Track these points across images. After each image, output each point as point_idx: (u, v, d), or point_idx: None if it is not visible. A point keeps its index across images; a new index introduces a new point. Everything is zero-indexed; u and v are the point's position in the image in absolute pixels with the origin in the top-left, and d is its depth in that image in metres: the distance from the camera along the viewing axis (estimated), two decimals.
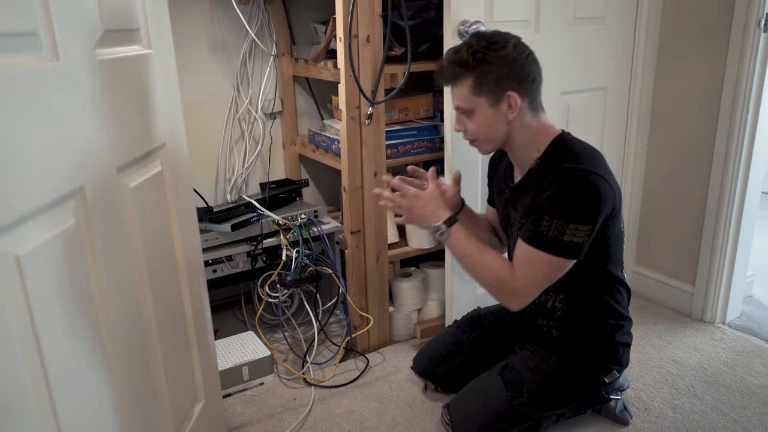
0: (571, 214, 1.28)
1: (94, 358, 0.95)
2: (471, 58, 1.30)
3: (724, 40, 1.86)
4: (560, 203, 1.29)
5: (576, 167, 1.30)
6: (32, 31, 0.81)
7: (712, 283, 2.06)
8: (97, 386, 0.95)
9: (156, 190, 1.19)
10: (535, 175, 1.40)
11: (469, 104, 1.35)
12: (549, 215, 1.30)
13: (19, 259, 0.77)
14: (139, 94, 1.12)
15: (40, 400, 0.81)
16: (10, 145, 0.75)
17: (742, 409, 1.65)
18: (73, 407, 0.88)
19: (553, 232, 1.30)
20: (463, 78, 1.32)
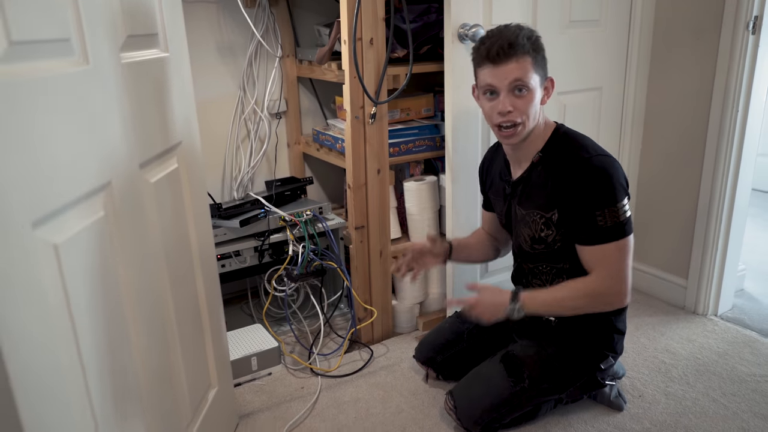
0: (611, 197, 1.40)
1: (120, 338, 1.01)
2: (537, 38, 1.42)
3: (715, 42, 1.93)
4: (599, 193, 1.40)
5: (591, 156, 1.42)
6: (66, 38, 0.88)
7: (704, 277, 2.13)
8: (123, 365, 1.02)
9: (173, 186, 1.26)
10: (540, 167, 1.48)
11: (530, 79, 1.40)
12: (598, 208, 1.40)
13: (57, 247, 0.84)
14: (158, 95, 1.19)
15: (74, 375, 0.88)
16: (48, 142, 0.82)
17: (732, 395, 1.72)
18: (103, 383, 0.95)
19: (611, 220, 1.40)
20: (529, 54, 1.40)
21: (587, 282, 1.44)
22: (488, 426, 1.53)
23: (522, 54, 1.39)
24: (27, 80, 0.78)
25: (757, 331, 2.06)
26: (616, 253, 1.41)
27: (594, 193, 1.39)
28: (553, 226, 1.49)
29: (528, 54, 1.39)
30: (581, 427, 1.61)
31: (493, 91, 1.42)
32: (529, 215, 1.53)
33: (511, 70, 1.39)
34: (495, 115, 1.43)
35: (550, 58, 1.87)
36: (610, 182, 1.39)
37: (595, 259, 1.43)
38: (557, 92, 1.98)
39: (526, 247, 1.57)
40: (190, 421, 1.32)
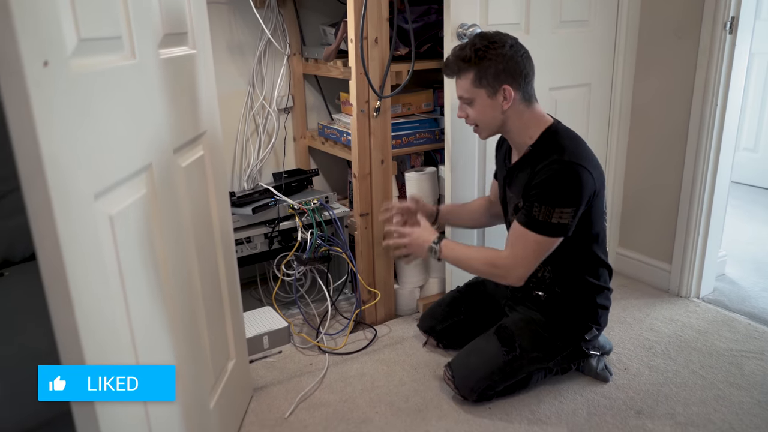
0: (556, 199, 1.51)
1: (157, 300, 1.14)
2: (473, 55, 1.52)
3: (695, 41, 2.07)
4: (546, 191, 1.52)
5: (560, 159, 1.52)
6: (118, 36, 1.01)
7: (686, 262, 2.27)
8: (160, 323, 1.14)
9: (199, 171, 1.39)
10: (527, 160, 1.61)
11: (470, 95, 1.57)
12: (538, 202, 1.52)
13: (111, 217, 0.96)
14: (188, 88, 1.32)
15: (125, 336, 1.01)
16: (105, 125, 0.95)
17: (710, 368, 1.86)
18: (145, 335, 1.08)
19: (543, 216, 1.51)
20: (466, 72, 1.55)
21: (496, 254, 1.61)
22: (483, 393, 1.67)
23: (458, 72, 1.57)
24: (91, 72, 0.91)
25: (735, 311, 2.20)
26: (532, 243, 1.54)
27: (543, 188, 1.51)
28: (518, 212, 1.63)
29: (471, 70, 1.54)
30: (571, 396, 1.74)
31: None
32: (512, 199, 1.69)
33: (456, 86, 1.61)
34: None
35: (543, 56, 2.01)
36: (562, 187, 1.50)
37: (514, 238, 1.58)
38: (549, 88, 2.12)
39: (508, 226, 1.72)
40: (213, 385, 1.44)
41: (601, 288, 1.70)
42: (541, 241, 1.54)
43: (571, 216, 1.51)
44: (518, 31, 1.98)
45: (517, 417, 1.66)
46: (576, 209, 1.51)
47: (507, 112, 1.58)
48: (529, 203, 1.54)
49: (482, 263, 1.62)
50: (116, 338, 0.98)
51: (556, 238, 1.54)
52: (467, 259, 1.65)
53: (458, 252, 1.65)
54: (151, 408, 1.08)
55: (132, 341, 1.03)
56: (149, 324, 1.09)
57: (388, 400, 1.75)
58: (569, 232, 1.54)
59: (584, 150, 1.58)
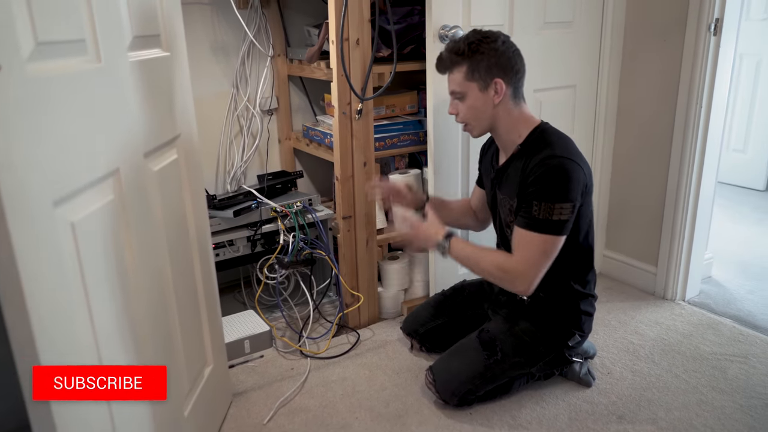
0: (554, 195, 1.49)
1: (126, 309, 1.12)
2: (467, 48, 1.53)
3: (680, 42, 2.06)
4: (543, 188, 1.50)
5: (551, 155, 1.52)
6: (81, 39, 0.99)
7: (672, 264, 2.26)
8: (128, 332, 1.12)
9: (174, 175, 1.37)
10: (517, 159, 1.60)
11: (462, 88, 1.56)
12: (537, 200, 1.50)
13: (74, 224, 0.94)
14: (160, 91, 1.30)
15: (88, 344, 0.99)
16: (67, 131, 0.93)
17: (694, 372, 1.85)
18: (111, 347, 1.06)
19: (543, 214, 1.50)
20: (459, 65, 1.54)
21: (507, 258, 1.57)
22: (464, 397, 1.66)
23: (450, 66, 1.56)
24: (50, 76, 0.89)
25: (721, 314, 2.19)
26: (539, 245, 1.51)
27: (540, 186, 1.50)
28: (514, 213, 1.61)
29: (458, 65, 1.54)
30: (553, 401, 1.73)
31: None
32: (504, 200, 1.66)
33: (449, 82, 1.60)
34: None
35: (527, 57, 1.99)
36: (558, 182, 1.49)
37: (519, 243, 1.54)
38: (533, 89, 2.11)
39: (504, 228, 1.71)
40: (188, 392, 1.42)
41: (585, 295, 1.69)
42: (546, 240, 1.51)
43: (570, 211, 1.51)
44: None
45: (498, 422, 1.65)
46: (574, 204, 1.51)
47: (498, 107, 1.57)
48: (527, 203, 1.52)
49: (492, 265, 1.56)
50: (78, 349, 0.96)
51: (560, 236, 1.52)
52: (477, 260, 1.58)
53: (468, 251, 1.59)
54: (118, 416, 1.06)
55: (97, 351, 1.01)
56: (116, 332, 1.07)
57: (368, 405, 1.73)
58: (568, 230, 1.53)
59: (573, 147, 1.59)
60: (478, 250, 1.60)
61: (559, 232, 1.51)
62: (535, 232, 1.51)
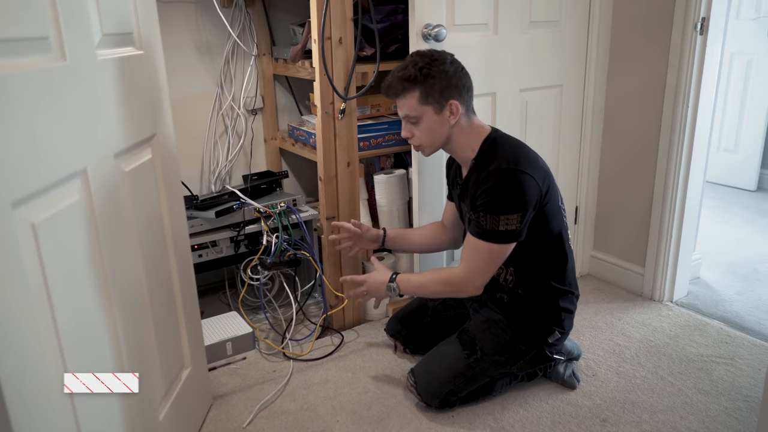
0: (500, 207, 1.51)
1: (94, 313, 1.10)
2: (418, 73, 1.52)
3: (666, 42, 2.05)
4: (489, 200, 1.52)
5: (498, 168, 1.52)
6: (44, 36, 0.96)
7: (660, 265, 2.24)
8: (96, 337, 1.10)
9: (147, 175, 1.35)
10: (473, 173, 1.61)
11: (416, 113, 1.56)
12: (484, 211, 1.53)
13: (34, 226, 0.92)
14: (132, 90, 1.27)
15: (51, 349, 0.96)
16: (26, 130, 0.90)
17: (679, 374, 1.83)
18: (77, 353, 1.03)
19: (490, 224, 1.53)
20: (411, 91, 1.54)
21: (450, 272, 1.65)
22: (446, 399, 1.64)
23: (402, 92, 1.55)
24: (6, 75, 0.86)
25: (708, 316, 2.18)
26: (485, 253, 1.55)
27: (486, 198, 1.52)
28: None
29: (416, 88, 1.53)
30: (536, 403, 1.71)
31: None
32: (466, 214, 1.68)
33: (401, 107, 1.59)
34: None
35: (512, 56, 1.98)
36: (503, 194, 1.50)
37: (469, 248, 1.59)
38: (519, 89, 2.09)
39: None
40: (163, 396, 1.40)
41: (564, 291, 1.68)
42: (492, 249, 1.55)
43: (518, 221, 1.52)
44: (486, 32, 1.96)
45: (480, 425, 1.63)
46: (522, 214, 1.52)
47: (453, 127, 1.58)
48: (476, 214, 1.55)
49: (438, 284, 1.64)
50: (39, 352, 0.93)
51: (506, 244, 1.55)
52: (424, 285, 1.68)
53: (414, 281, 1.69)
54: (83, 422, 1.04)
55: (61, 357, 0.98)
56: (82, 336, 1.05)
57: (350, 409, 1.71)
58: (520, 236, 1.55)
59: (524, 154, 1.57)
60: (422, 277, 1.70)
61: (505, 241, 1.55)
62: (482, 240, 1.55)
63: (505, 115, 2.09)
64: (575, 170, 2.36)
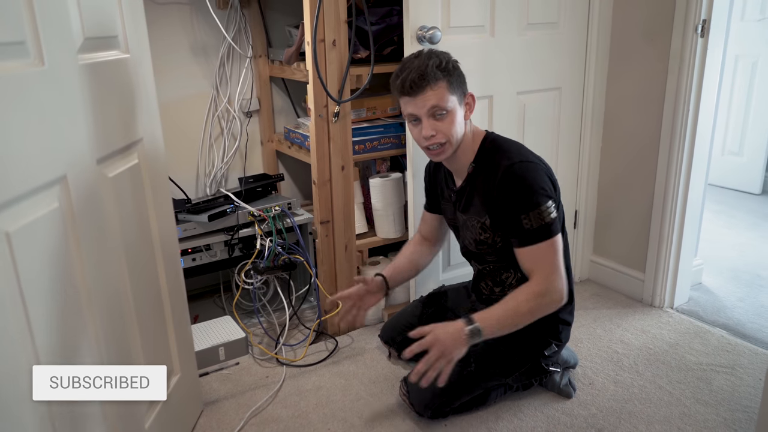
0: (536, 200, 1.47)
1: (75, 322, 1.08)
2: (446, 63, 1.49)
3: (667, 44, 2.01)
4: (522, 197, 1.48)
5: (511, 163, 1.50)
6: (21, 41, 0.94)
7: (660, 271, 2.21)
8: (77, 348, 1.08)
9: (133, 180, 1.33)
10: (475, 176, 1.57)
11: (446, 103, 1.48)
12: (523, 212, 1.48)
13: (9, 235, 0.90)
14: (117, 94, 1.25)
15: (26, 357, 0.94)
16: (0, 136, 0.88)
17: (678, 383, 1.80)
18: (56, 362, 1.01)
19: (536, 222, 1.47)
20: (442, 80, 1.48)
21: (530, 286, 1.49)
22: (438, 409, 1.61)
23: (435, 81, 1.46)
24: None
25: (709, 323, 2.14)
26: (548, 253, 1.49)
27: (516, 199, 1.48)
28: (489, 230, 1.59)
29: (441, 79, 1.47)
30: (531, 412, 1.68)
31: (416, 118, 1.51)
32: (469, 220, 1.63)
33: (427, 98, 1.48)
34: (422, 140, 1.54)
35: (509, 59, 1.94)
36: (530, 188, 1.47)
37: (530, 261, 1.51)
38: (516, 92, 2.06)
39: (472, 248, 1.67)
40: (150, 404, 1.38)
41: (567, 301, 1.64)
42: (551, 245, 1.49)
43: (555, 207, 1.51)
44: (482, 34, 1.94)
45: None
46: (554, 199, 1.51)
47: (465, 125, 1.56)
48: (513, 220, 1.49)
49: (529, 302, 1.47)
50: (15, 364, 0.91)
51: (558, 234, 1.51)
52: (513, 312, 1.46)
53: (497, 313, 1.47)
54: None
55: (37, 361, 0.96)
56: (61, 345, 1.03)
57: (341, 416, 1.69)
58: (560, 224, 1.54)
59: (525, 149, 1.58)
60: (504, 305, 1.48)
61: (556, 231, 1.51)
62: (537, 243, 1.49)
63: (503, 118, 2.06)
64: (574, 174, 2.33)
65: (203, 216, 1.95)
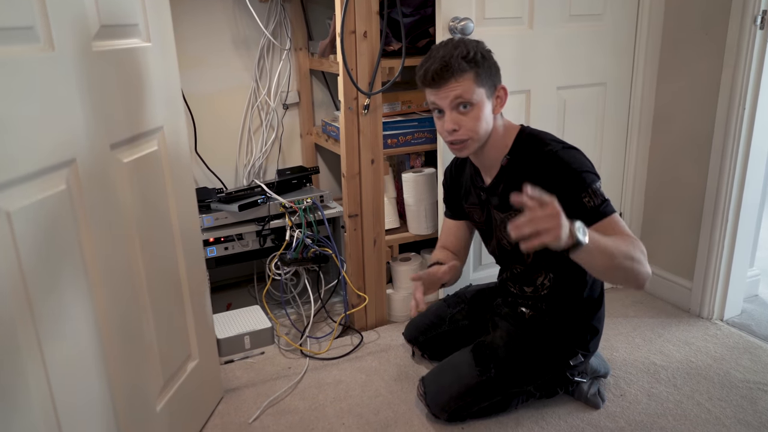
0: (590, 178, 1.38)
1: (80, 303, 1.10)
2: (474, 53, 1.39)
3: (722, 37, 1.87)
4: (577, 177, 1.37)
5: (558, 149, 1.42)
6: (30, 26, 0.97)
7: (709, 280, 2.06)
8: (82, 327, 1.10)
9: (152, 167, 1.35)
10: (510, 170, 1.48)
11: (472, 95, 1.39)
12: (583, 191, 1.36)
13: (9, 213, 0.93)
14: (135, 82, 1.28)
15: (28, 341, 0.97)
16: (2, 118, 0.91)
17: (719, 400, 1.67)
18: (59, 341, 1.04)
19: (596, 199, 1.36)
20: (468, 71, 1.39)
21: (638, 245, 1.32)
22: (455, 413, 1.56)
23: (460, 72, 1.38)
24: None
25: (762, 338, 1.98)
26: (618, 224, 1.36)
27: (572, 180, 1.37)
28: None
29: (467, 71, 1.38)
30: (554, 421, 1.61)
31: (440, 109, 1.44)
32: (508, 217, 1.52)
33: (451, 89, 1.39)
34: (444, 133, 1.45)
35: (549, 52, 1.86)
36: (582, 167, 1.39)
37: (611, 229, 1.34)
38: (556, 87, 1.97)
39: (509, 248, 1.58)
40: (162, 386, 1.40)
41: (595, 307, 1.56)
42: (617, 219, 1.36)
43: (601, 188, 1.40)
44: (520, 26, 1.87)
45: None
46: (600, 181, 1.40)
47: (495, 118, 1.47)
48: (574, 203, 1.34)
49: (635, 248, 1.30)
50: (13, 334, 0.94)
51: (615, 212, 1.38)
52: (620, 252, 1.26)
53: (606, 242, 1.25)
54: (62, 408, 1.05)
55: (39, 347, 0.99)
56: (63, 322, 1.05)
57: (357, 412, 1.67)
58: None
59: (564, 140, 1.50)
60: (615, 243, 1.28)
61: (614, 210, 1.38)
62: (604, 219, 1.34)
63: (541, 114, 1.98)
64: (619, 174, 2.21)
65: (234, 206, 1.97)
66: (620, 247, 1.27)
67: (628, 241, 1.31)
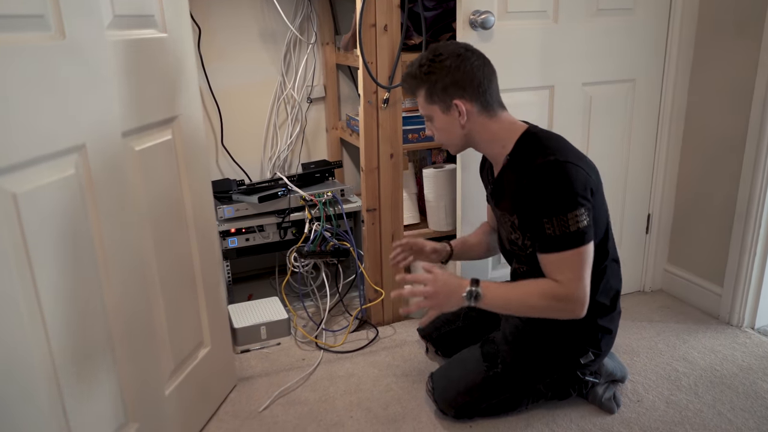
0: (563, 204, 1.32)
1: (88, 287, 1.13)
2: (419, 72, 1.43)
3: (759, 33, 1.79)
4: (546, 201, 1.33)
5: (544, 162, 1.35)
6: (40, 14, 1.00)
7: (740, 286, 1.98)
8: (90, 311, 1.13)
9: (165, 155, 1.38)
10: (508, 171, 1.46)
11: (426, 111, 1.47)
12: (546, 216, 1.33)
13: (15, 196, 0.96)
14: (149, 72, 1.30)
15: (34, 327, 1.00)
16: (12, 103, 0.94)
17: (742, 411, 1.61)
18: (66, 326, 1.07)
19: (558, 229, 1.33)
20: (418, 89, 1.45)
21: (550, 285, 1.36)
22: (463, 410, 1.55)
23: (411, 91, 1.48)
24: None
25: None
26: (574, 261, 1.33)
27: (541, 200, 1.33)
28: (518, 230, 1.47)
29: (418, 87, 1.45)
30: (565, 423, 1.57)
31: None
32: (503, 216, 1.53)
33: (418, 104, 1.50)
34: None
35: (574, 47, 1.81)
36: (560, 190, 1.32)
37: (550, 267, 1.37)
38: (582, 83, 1.93)
39: (506, 246, 1.58)
40: (172, 371, 1.43)
41: (606, 309, 1.51)
42: (575, 254, 1.33)
43: (586, 216, 1.33)
44: (545, 20, 1.83)
45: None
46: (585, 206, 1.33)
47: (467, 126, 1.44)
48: (536, 223, 1.36)
49: (541, 297, 1.35)
50: (18, 318, 0.97)
51: (586, 245, 1.34)
52: (521, 296, 1.37)
53: (506, 294, 1.38)
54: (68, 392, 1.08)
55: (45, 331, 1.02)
56: (70, 306, 1.09)
57: (366, 406, 1.67)
58: (592, 233, 1.36)
59: (567, 145, 1.42)
60: (516, 286, 1.41)
61: (585, 241, 1.34)
62: (559, 252, 1.34)
63: (565, 111, 1.93)
64: (648, 174, 2.14)
65: (254, 197, 2.00)
66: (525, 304, 1.38)
67: (542, 289, 1.36)
